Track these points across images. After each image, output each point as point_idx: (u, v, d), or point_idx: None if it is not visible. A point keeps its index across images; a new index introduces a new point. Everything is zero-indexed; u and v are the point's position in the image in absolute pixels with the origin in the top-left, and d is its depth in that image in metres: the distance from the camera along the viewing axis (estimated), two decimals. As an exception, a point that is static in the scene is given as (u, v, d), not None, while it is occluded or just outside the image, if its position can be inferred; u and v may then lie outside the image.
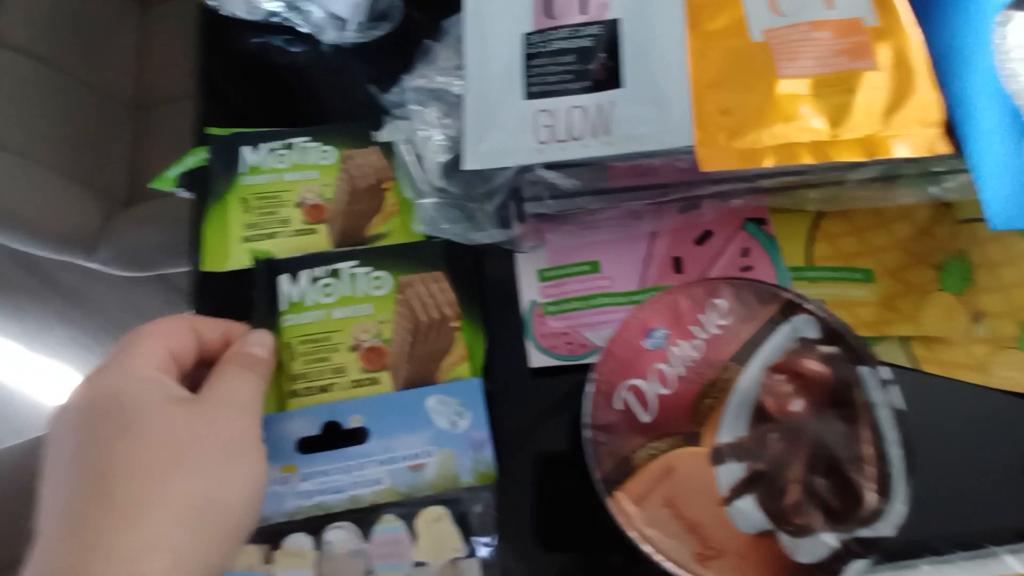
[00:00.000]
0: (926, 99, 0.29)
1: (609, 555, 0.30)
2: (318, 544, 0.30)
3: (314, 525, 0.30)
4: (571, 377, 0.34)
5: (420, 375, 0.33)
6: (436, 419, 0.32)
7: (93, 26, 0.83)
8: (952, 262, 0.34)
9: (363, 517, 0.31)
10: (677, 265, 0.35)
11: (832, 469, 0.22)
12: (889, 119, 0.29)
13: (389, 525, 0.31)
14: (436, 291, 0.34)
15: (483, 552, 0.30)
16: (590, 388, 0.24)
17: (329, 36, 0.39)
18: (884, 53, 0.30)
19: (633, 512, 0.22)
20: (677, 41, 0.31)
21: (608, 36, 0.32)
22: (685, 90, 0.30)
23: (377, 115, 0.38)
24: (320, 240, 0.36)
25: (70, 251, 0.69)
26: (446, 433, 0.32)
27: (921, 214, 0.35)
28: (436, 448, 0.31)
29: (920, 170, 0.31)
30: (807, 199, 0.35)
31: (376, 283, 0.34)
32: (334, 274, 0.34)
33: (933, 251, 0.34)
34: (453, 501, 0.31)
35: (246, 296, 0.34)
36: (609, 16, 0.32)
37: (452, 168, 0.33)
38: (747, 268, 0.34)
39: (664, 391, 0.24)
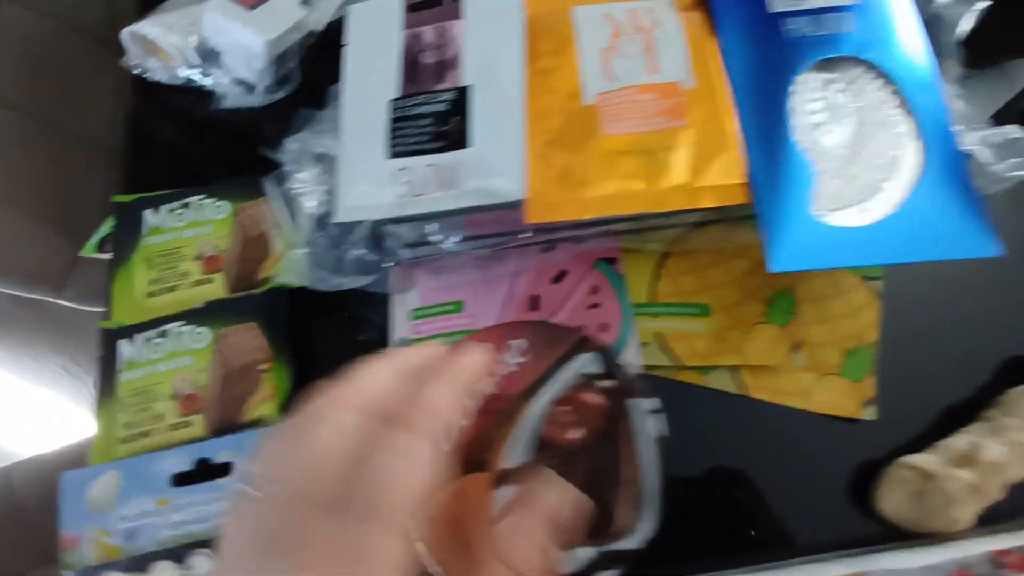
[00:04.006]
0: (731, 156, 0.32)
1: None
2: (183, 569, 0.33)
3: (181, 552, 0.34)
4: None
5: (228, 415, 0.36)
6: None
7: (72, 75, 0.89)
8: (778, 296, 0.37)
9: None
10: (534, 303, 0.38)
11: (596, 490, 0.25)
12: (699, 173, 0.32)
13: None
14: (248, 339, 0.38)
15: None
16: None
17: (236, 100, 0.44)
18: (697, 114, 0.33)
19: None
20: (517, 106, 0.35)
21: (460, 101, 0.36)
22: (520, 150, 0.34)
23: (272, 170, 0.42)
24: (216, 288, 0.40)
25: (38, 289, 0.73)
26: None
27: (755, 252, 0.38)
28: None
29: (742, 213, 0.35)
30: (649, 241, 0.38)
31: (197, 337, 0.38)
32: (163, 334, 0.39)
33: (763, 287, 0.37)
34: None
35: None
36: (462, 83, 0.36)
37: (326, 221, 0.37)
38: (595, 305, 0.38)
39: (463, 423, 0.27)
